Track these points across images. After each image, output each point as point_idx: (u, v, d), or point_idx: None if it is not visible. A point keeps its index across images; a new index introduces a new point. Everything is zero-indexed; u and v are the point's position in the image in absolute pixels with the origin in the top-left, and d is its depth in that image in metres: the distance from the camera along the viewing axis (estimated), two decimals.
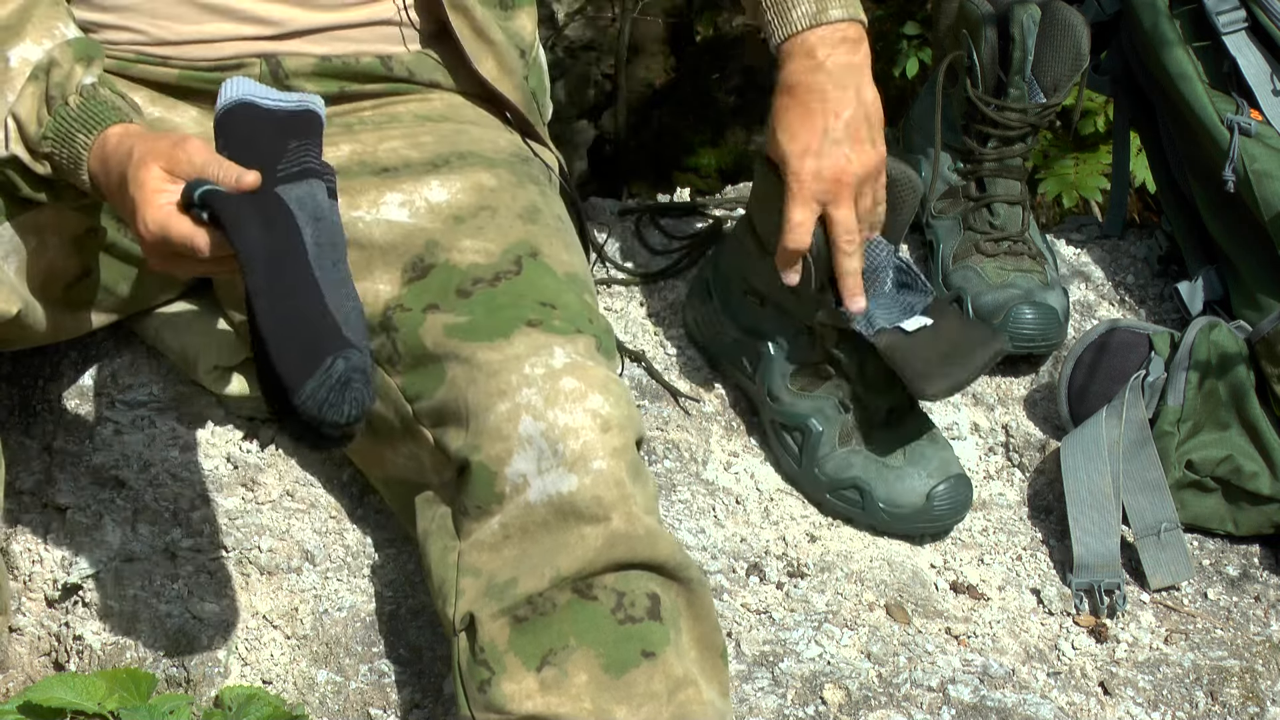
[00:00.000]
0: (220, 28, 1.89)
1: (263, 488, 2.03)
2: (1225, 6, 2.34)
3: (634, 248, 2.43)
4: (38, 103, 1.71)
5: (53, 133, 1.71)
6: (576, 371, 1.72)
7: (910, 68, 4.12)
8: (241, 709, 1.80)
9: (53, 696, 1.78)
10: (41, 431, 2.07)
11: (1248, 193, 2.29)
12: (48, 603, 1.96)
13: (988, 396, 2.32)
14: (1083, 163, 3.50)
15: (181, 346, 2.04)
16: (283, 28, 1.90)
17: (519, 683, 1.66)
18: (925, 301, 2.08)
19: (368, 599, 1.95)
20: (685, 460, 2.17)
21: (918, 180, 2.07)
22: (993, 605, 2.09)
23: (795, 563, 2.07)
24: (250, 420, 2.09)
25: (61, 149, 1.71)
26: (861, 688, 1.93)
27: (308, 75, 1.92)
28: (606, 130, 5.56)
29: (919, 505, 2.10)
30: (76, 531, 1.98)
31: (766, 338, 2.17)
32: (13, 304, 1.79)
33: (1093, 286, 2.49)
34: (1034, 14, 2.32)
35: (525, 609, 1.67)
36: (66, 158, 1.71)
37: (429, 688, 1.89)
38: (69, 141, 1.70)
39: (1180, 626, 2.11)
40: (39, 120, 1.71)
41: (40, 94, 1.71)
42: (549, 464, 1.68)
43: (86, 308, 1.95)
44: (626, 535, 1.67)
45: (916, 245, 2.47)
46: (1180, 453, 2.17)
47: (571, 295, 1.82)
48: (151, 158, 1.61)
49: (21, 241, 1.82)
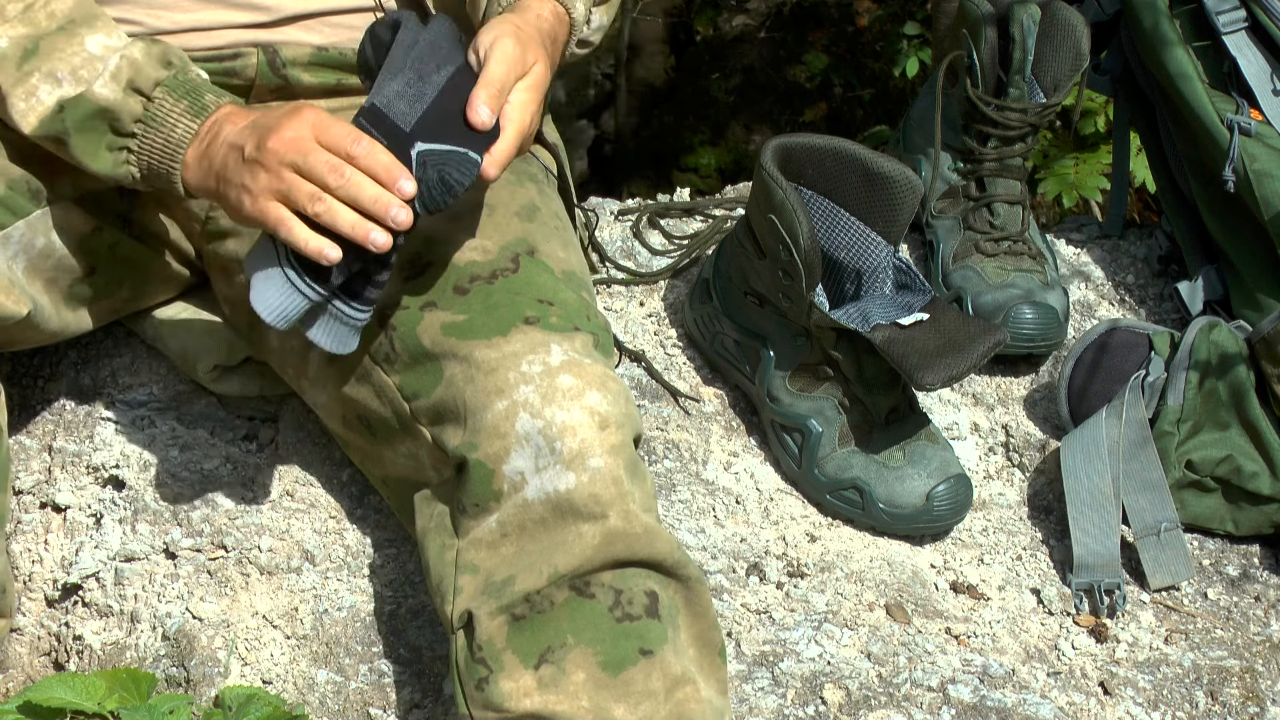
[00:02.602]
0: (216, 15, 1.90)
1: (263, 488, 2.03)
2: (1225, 6, 2.34)
3: (634, 248, 2.44)
4: (153, 59, 1.74)
5: (176, 84, 1.73)
6: (574, 369, 1.72)
7: (910, 68, 4.12)
8: (241, 709, 1.80)
9: (53, 696, 1.77)
10: (41, 431, 2.07)
11: (1248, 193, 2.29)
12: (48, 603, 1.96)
13: (988, 396, 2.32)
14: (1083, 163, 3.50)
15: (181, 346, 2.04)
16: (275, 13, 1.91)
17: (517, 681, 1.66)
18: (924, 301, 2.09)
19: (368, 599, 1.95)
20: (685, 460, 2.17)
21: (917, 180, 2.07)
22: (993, 605, 2.09)
23: (795, 563, 2.07)
24: (250, 420, 2.09)
25: (180, 99, 1.72)
26: (861, 688, 1.93)
27: (305, 65, 1.93)
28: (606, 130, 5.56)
29: (919, 505, 2.10)
30: (76, 531, 1.98)
31: (766, 338, 2.17)
32: (23, 305, 1.80)
33: (1093, 286, 2.49)
34: (1034, 14, 2.32)
35: (523, 607, 1.67)
36: (181, 109, 1.72)
37: (429, 688, 1.89)
38: (195, 93, 1.73)
39: (1180, 626, 2.11)
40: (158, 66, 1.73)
41: (158, 53, 1.74)
42: (546, 462, 1.68)
43: (89, 307, 1.95)
44: (624, 533, 1.67)
45: (916, 245, 2.47)
46: (1180, 453, 2.17)
47: (569, 293, 1.82)
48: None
49: (31, 242, 1.83)
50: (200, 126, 1.73)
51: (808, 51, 5.08)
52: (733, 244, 2.21)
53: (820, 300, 2.08)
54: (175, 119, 1.73)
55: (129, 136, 1.74)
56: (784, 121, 5.06)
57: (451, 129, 1.69)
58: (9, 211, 1.82)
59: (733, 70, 5.17)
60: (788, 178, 2.07)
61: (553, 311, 1.78)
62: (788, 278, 2.08)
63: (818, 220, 2.11)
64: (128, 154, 1.75)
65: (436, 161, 1.67)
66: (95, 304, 1.96)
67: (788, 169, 2.09)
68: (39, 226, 1.84)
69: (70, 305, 1.92)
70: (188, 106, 1.73)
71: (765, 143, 2.10)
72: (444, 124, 1.69)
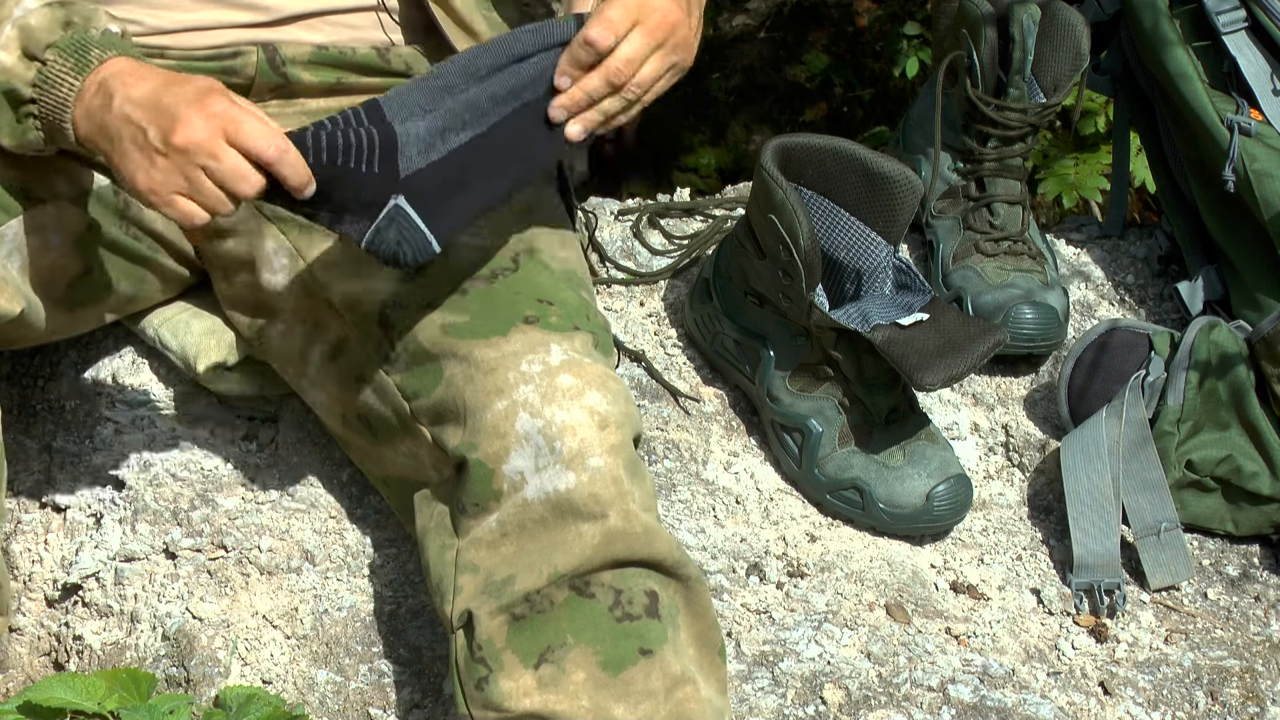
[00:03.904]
0: (215, 15, 1.89)
1: (263, 488, 2.03)
2: (1225, 6, 2.33)
3: (634, 248, 2.43)
4: (53, 22, 1.69)
5: (66, 43, 1.67)
6: (574, 368, 1.72)
7: (910, 68, 4.12)
8: (241, 709, 1.80)
9: (53, 696, 1.77)
10: (41, 431, 2.07)
11: (1248, 193, 2.29)
12: (48, 603, 1.96)
13: (988, 396, 2.32)
14: (1083, 163, 3.50)
15: (181, 346, 2.04)
16: (275, 13, 1.91)
17: (516, 680, 1.66)
18: (924, 301, 2.09)
19: (368, 599, 1.95)
20: (685, 460, 2.17)
21: (917, 180, 2.07)
22: (993, 605, 2.08)
23: (795, 563, 2.07)
24: (250, 420, 2.09)
25: (68, 57, 1.67)
26: (861, 688, 1.93)
27: (305, 64, 1.93)
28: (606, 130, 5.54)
29: (919, 505, 2.10)
30: (76, 531, 1.98)
31: (766, 338, 2.17)
32: (16, 303, 1.79)
33: (1093, 286, 2.49)
34: (1034, 14, 2.32)
35: (523, 607, 1.67)
36: (68, 67, 1.67)
37: (429, 688, 1.89)
38: (81, 52, 1.67)
39: (1180, 626, 2.11)
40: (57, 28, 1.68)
41: (60, 16, 1.69)
42: (546, 461, 1.68)
43: (87, 306, 1.95)
44: (624, 533, 1.67)
45: (916, 245, 2.47)
46: (1180, 453, 2.17)
47: (569, 292, 1.82)
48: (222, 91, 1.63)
49: (25, 240, 1.83)
50: (83, 82, 1.67)
51: (808, 51, 5.07)
52: (733, 244, 2.21)
53: (820, 300, 2.08)
54: (61, 77, 1.68)
55: (29, 103, 1.70)
56: (784, 121, 5.06)
57: (431, 201, 1.68)
58: (2, 210, 1.81)
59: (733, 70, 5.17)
60: (788, 178, 2.07)
61: (552, 311, 1.78)
62: (788, 278, 2.08)
63: (818, 220, 2.11)
64: (32, 119, 1.71)
65: (402, 228, 1.66)
66: (93, 303, 1.95)
67: (788, 169, 2.09)
68: (34, 225, 1.83)
69: (67, 304, 1.92)
70: (73, 64, 1.68)
71: (765, 143, 2.10)
72: (430, 193, 1.67)
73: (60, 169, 1.84)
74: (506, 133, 1.72)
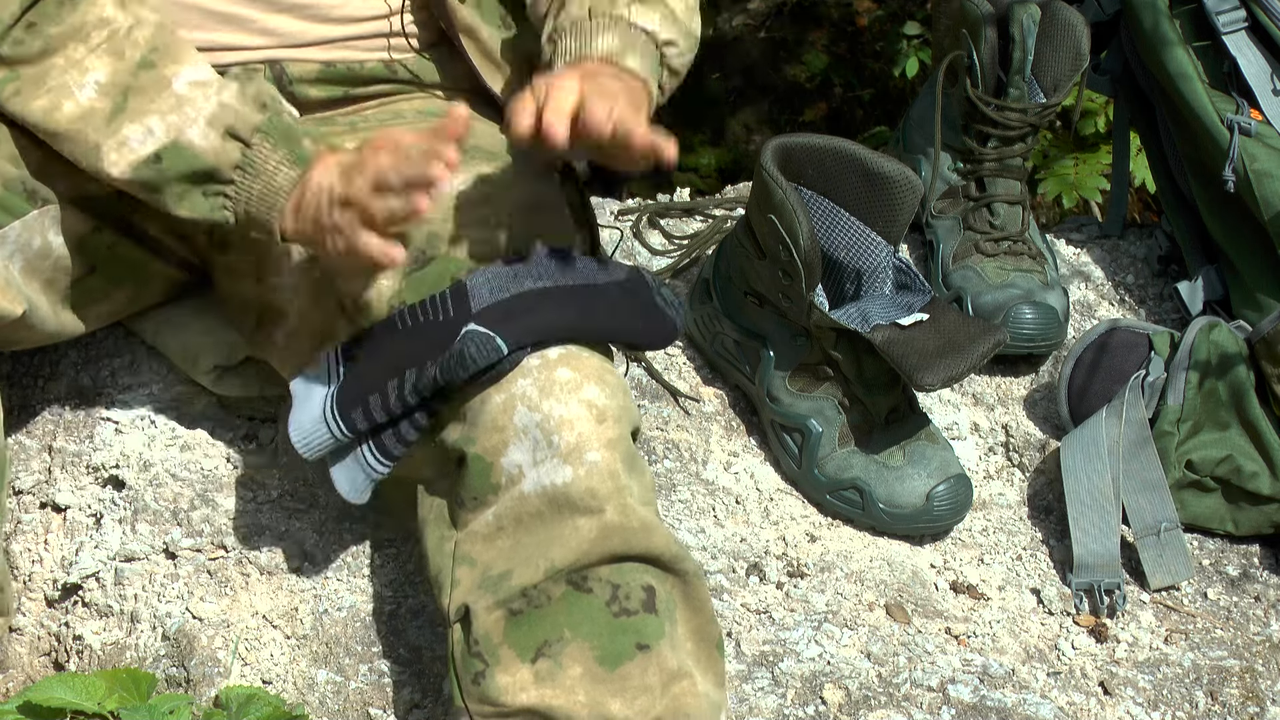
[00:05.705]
0: (232, 37, 1.89)
1: (263, 488, 2.03)
2: (1225, 6, 2.34)
3: (634, 248, 2.43)
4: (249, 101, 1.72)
5: (270, 127, 1.72)
6: (572, 362, 1.72)
7: (910, 68, 4.12)
8: (241, 709, 1.80)
9: (53, 696, 1.77)
10: (41, 431, 2.07)
11: (1248, 193, 2.29)
12: (48, 603, 1.96)
13: (988, 396, 2.32)
14: (1083, 163, 3.50)
15: (181, 346, 2.04)
16: (291, 40, 1.91)
17: (513, 675, 1.66)
18: (923, 301, 2.09)
19: (368, 599, 1.95)
20: (685, 460, 2.17)
21: (917, 180, 2.07)
22: (993, 605, 2.08)
23: (795, 563, 2.07)
24: (250, 420, 2.09)
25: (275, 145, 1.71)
26: (861, 688, 1.93)
27: (312, 81, 1.93)
28: None
29: (919, 505, 2.10)
30: (76, 531, 1.98)
31: (766, 338, 2.17)
32: (18, 305, 1.80)
33: (1093, 286, 2.49)
34: (1034, 14, 2.32)
35: (520, 601, 1.67)
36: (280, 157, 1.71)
37: (429, 688, 1.89)
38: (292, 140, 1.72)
39: (1180, 626, 2.11)
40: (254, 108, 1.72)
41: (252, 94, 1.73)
42: (544, 455, 1.68)
43: (88, 307, 1.95)
44: (621, 527, 1.67)
45: (916, 245, 2.47)
46: (1180, 453, 2.17)
47: None
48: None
49: (28, 241, 1.83)
50: (300, 174, 1.72)
51: (807, 51, 5.07)
52: (733, 244, 2.21)
53: (820, 300, 2.08)
54: (274, 166, 1.72)
55: (227, 183, 1.73)
56: (784, 121, 5.06)
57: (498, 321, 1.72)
58: (5, 211, 1.81)
59: (732, 70, 5.17)
60: (788, 178, 2.07)
61: None
62: (788, 278, 2.08)
63: (818, 220, 2.11)
64: (224, 199, 1.74)
65: (471, 337, 1.70)
66: (94, 304, 1.95)
67: (788, 169, 2.09)
68: (36, 226, 1.83)
69: (68, 305, 1.92)
70: (286, 154, 1.72)
71: (765, 143, 2.10)
72: (499, 319, 1.71)
73: (62, 171, 1.84)
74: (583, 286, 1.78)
